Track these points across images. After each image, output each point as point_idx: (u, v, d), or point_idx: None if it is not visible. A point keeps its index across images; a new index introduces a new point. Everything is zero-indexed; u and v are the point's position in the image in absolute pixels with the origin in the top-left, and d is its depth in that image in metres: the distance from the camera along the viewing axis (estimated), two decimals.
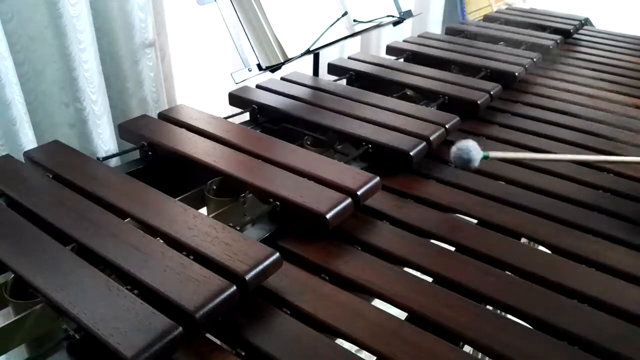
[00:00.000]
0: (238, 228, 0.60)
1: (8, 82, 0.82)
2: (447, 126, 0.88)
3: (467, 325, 0.54)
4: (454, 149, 0.75)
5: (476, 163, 0.74)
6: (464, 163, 0.74)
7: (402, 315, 0.56)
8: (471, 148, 0.73)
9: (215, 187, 0.75)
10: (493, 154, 0.75)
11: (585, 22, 1.72)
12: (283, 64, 0.97)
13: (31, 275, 0.51)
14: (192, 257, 0.54)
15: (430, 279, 0.62)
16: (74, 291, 0.49)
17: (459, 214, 0.75)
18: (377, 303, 0.58)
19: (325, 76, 1.17)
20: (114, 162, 0.92)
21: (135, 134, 0.83)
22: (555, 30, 1.52)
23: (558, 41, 1.41)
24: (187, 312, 0.47)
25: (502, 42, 1.41)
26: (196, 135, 0.81)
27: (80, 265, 0.52)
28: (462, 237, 0.68)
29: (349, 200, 0.66)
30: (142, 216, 0.61)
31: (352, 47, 1.65)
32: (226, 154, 0.76)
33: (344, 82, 1.15)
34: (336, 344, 0.52)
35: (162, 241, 0.57)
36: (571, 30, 1.54)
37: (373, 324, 0.54)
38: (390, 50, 1.35)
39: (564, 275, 0.62)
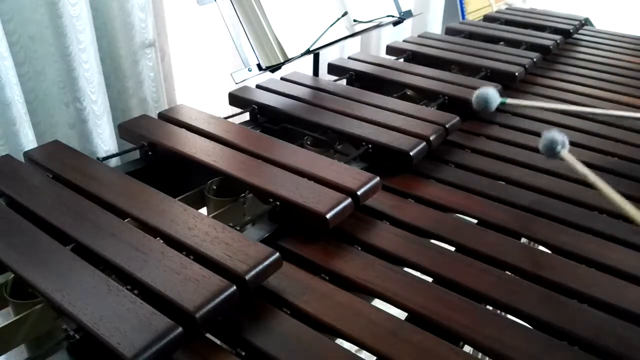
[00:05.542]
0: (238, 228, 0.60)
1: (8, 82, 0.82)
2: (447, 126, 0.88)
3: (467, 325, 0.54)
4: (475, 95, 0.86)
5: (493, 106, 0.85)
6: (483, 106, 0.86)
7: (402, 315, 0.56)
8: (490, 95, 0.85)
9: (215, 187, 0.75)
10: (510, 100, 0.86)
11: (585, 22, 1.72)
12: (283, 64, 0.97)
13: (31, 275, 0.51)
14: (192, 257, 0.54)
15: (430, 279, 0.62)
16: (74, 291, 0.49)
17: (459, 214, 0.75)
18: (377, 303, 0.58)
19: (325, 76, 1.17)
20: (114, 162, 0.92)
21: (135, 134, 0.83)
22: (555, 30, 1.52)
23: (558, 41, 1.41)
24: (187, 312, 0.47)
25: (502, 42, 1.41)
26: (196, 135, 0.81)
27: (80, 265, 0.52)
28: (462, 237, 0.68)
29: (349, 200, 0.66)
30: (142, 216, 0.61)
31: (352, 47, 1.65)
32: (226, 154, 0.76)
33: (344, 82, 1.15)
34: (336, 344, 0.52)
35: (162, 241, 0.57)
36: (571, 30, 1.54)
37: (373, 324, 0.54)
38: (390, 50, 1.35)
39: (564, 275, 0.62)
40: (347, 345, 0.52)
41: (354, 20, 1.13)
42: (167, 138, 0.80)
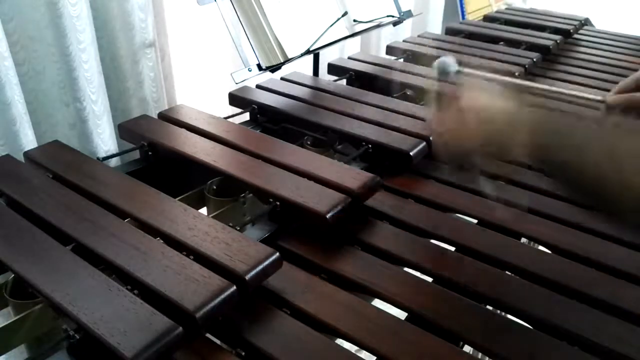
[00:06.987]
0: (238, 228, 0.60)
1: (8, 82, 0.82)
2: None
3: (467, 325, 0.54)
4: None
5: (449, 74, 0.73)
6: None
7: (402, 315, 0.56)
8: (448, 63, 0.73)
9: (215, 187, 0.75)
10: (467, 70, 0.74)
11: (585, 22, 1.72)
12: (283, 64, 0.97)
13: (31, 275, 0.51)
14: (192, 257, 0.54)
15: (430, 279, 0.62)
16: (74, 291, 0.49)
17: (459, 214, 0.75)
18: (377, 303, 0.58)
19: (325, 76, 1.17)
20: (114, 162, 0.92)
21: (135, 134, 0.83)
22: (555, 30, 1.52)
23: (558, 41, 1.41)
24: (187, 312, 0.47)
25: (502, 42, 1.41)
26: (196, 135, 0.81)
27: (80, 265, 0.52)
28: (462, 237, 0.68)
29: (349, 200, 0.66)
30: (142, 216, 0.61)
31: (352, 47, 1.65)
32: (226, 154, 0.76)
33: (344, 82, 1.15)
34: (336, 344, 0.52)
35: (162, 241, 0.57)
36: (571, 30, 1.54)
37: (373, 324, 0.54)
38: (390, 50, 1.35)
39: (564, 275, 0.62)
40: (347, 345, 0.52)
41: (354, 20, 1.13)
42: (167, 138, 0.80)
